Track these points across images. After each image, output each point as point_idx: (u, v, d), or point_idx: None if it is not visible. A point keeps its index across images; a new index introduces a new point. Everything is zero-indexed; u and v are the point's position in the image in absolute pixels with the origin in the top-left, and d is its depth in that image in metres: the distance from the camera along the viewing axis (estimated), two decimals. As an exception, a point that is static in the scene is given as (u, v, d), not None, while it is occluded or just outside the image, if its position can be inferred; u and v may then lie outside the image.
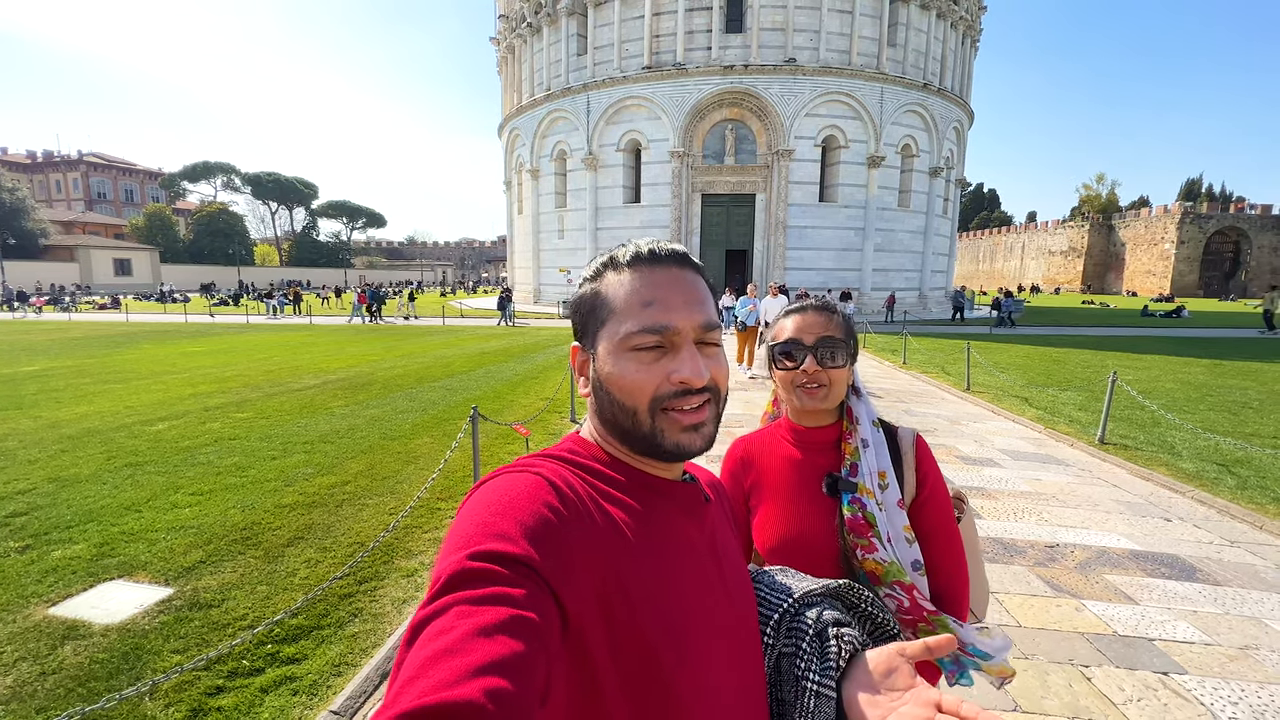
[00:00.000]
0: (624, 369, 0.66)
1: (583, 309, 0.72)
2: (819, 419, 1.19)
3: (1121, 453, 5.97)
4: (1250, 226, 52.36)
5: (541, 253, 31.03)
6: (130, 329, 20.87)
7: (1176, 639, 2.89)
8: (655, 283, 0.67)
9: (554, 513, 0.58)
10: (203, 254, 63.41)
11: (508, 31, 32.32)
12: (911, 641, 0.65)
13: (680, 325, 0.66)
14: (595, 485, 0.66)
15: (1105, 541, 4.00)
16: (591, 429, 0.74)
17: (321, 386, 9.42)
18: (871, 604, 0.87)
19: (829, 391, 1.14)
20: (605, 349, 0.68)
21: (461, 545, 0.54)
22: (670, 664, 0.60)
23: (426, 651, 0.46)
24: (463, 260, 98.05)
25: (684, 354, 0.66)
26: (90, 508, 4.37)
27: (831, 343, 1.14)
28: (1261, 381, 10.26)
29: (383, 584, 3.36)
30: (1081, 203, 73.55)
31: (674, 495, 0.71)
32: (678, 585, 0.64)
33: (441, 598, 0.50)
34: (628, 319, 0.66)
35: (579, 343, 0.72)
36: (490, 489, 0.61)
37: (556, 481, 0.62)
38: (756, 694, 0.72)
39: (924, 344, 14.92)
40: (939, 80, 27.77)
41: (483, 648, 0.45)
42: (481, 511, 0.57)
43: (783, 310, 1.25)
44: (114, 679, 2.51)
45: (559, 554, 0.55)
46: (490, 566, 0.51)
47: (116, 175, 78.72)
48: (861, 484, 1.09)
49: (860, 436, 1.14)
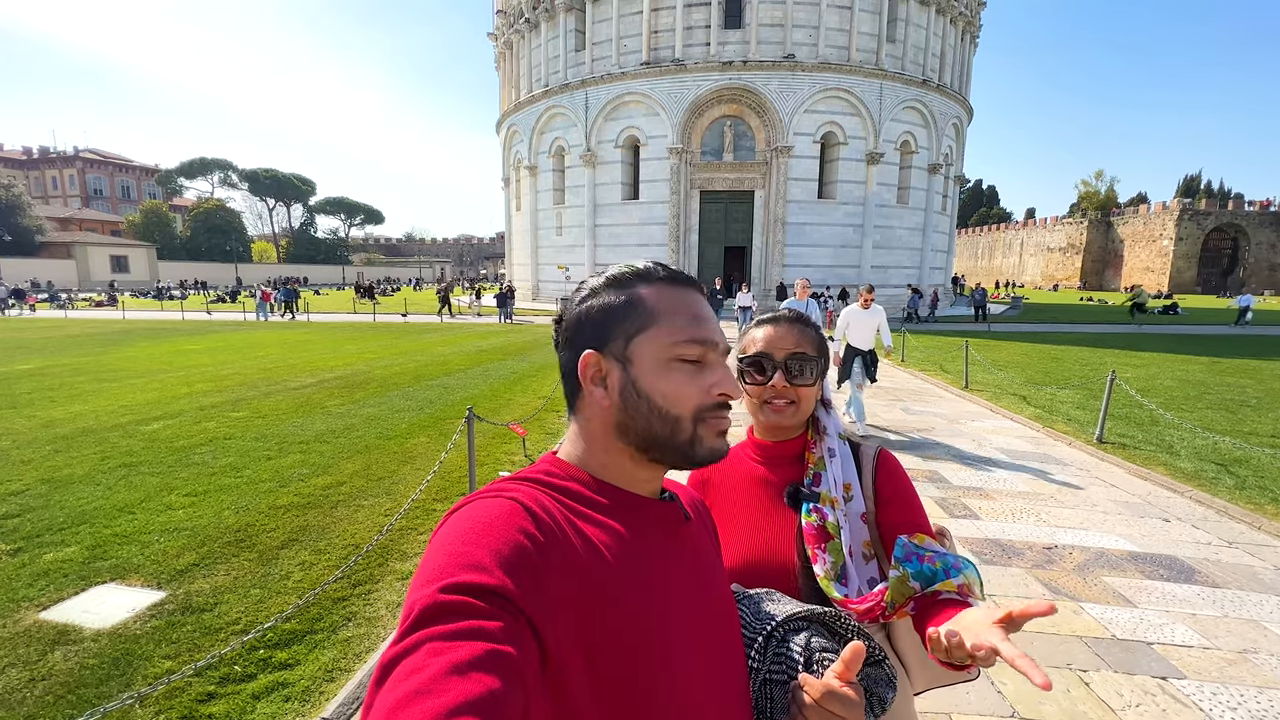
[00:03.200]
0: (670, 378, 0.67)
1: (609, 316, 0.68)
2: (784, 433, 1.15)
3: (1120, 452, 5.96)
4: (1248, 223, 52.33)
5: (540, 249, 30.94)
6: (127, 326, 20.80)
7: (1175, 642, 2.88)
8: (691, 300, 0.71)
9: (530, 539, 0.56)
10: (200, 251, 63.17)
11: (505, 27, 32.16)
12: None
13: (720, 342, 0.71)
14: (573, 508, 0.64)
15: (1103, 543, 3.99)
16: (573, 449, 0.71)
17: (318, 385, 9.39)
18: (856, 632, 0.86)
19: (797, 409, 1.11)
20: (649, 356, 0.67)
21: (433, 577, 0.52)
22: (653, 687, 0.59)
23: (397, 693, 0.43)
24: (461, 257, 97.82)
25: (723, 370, 0.70)
26: (83, 509, 4.34)
27: (802, 359, 1.11)
28: (1260, 379, 10.25)
29: (377, 587, 3.34)
30: (1080, 199, 73.57)
31: (655, 515, 0.70)
32: (660, 607, 0.63)
33: (413, 634, 0.48)
34: (677, 330, 0.68)
35: (594, 349, 0.67)
36: (463, 516, 0.59)
37: (532, 506, 0.60)
38: (741, 716, 0.71)
39: (923, 341, 14.90)
40: (938, 77, 27.67)
41: (457, 687, 0.43)
42: (454, 540, 0.55)
43: (754, 320, 1.22)
44: (104, 685, 2.49)
45: (536, 583, 0.54)
46: (464, 599, 0.49)
47: (113, 172, 78.35)
48: (825, 493, 1.06)
49: (826, 446, 1.11)
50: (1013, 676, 2.61)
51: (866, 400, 7.30)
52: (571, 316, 0.71)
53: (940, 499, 4.72)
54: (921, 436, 6.66)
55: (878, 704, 0.86)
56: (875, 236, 26.56)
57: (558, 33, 27.95)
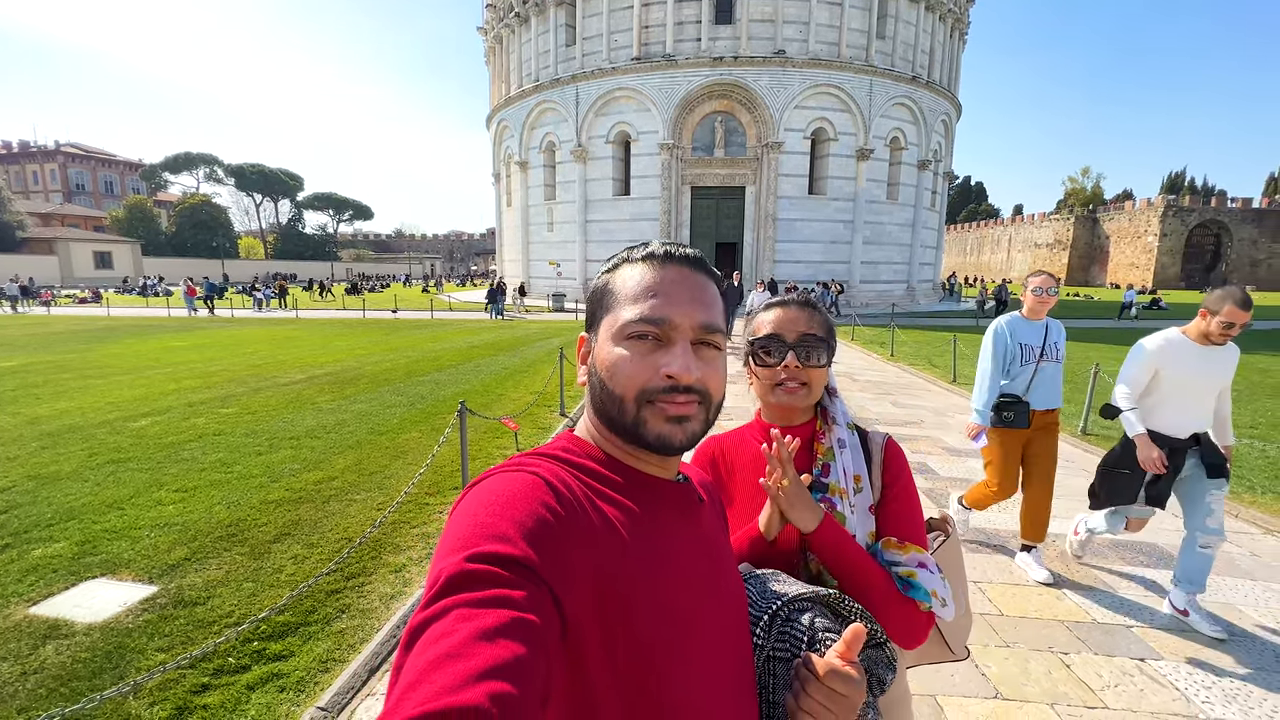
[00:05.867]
0: (617, 356, 0.67)
1: (594, 298, 0.73)
2: (793, 418, 1.15)
3: (1103, 443, 6.06)
4: (1231, 219, 53.08)
5: (531, 245, 30.84)
6: (112, 323, 20.54)
7: (1153, 625, 2.95)
8: (664, 278, 0.68)
9: (551, 513, 0.57)
10: (186, 247, 62.35)
11: (495, 21, 31.96)
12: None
13: (678, 320, 0.67)
14: (591, 485, 0.65)
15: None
16: (587, 425, 0.74)
17: (308, 381, 9.34)
18: (860, 614, 0.89)
19: (809, 391, 1.11)
20: (604, 335, 0.69)
21: (459, 547, 0.53)
22: (664, 663, 0.60)
23: (428, 656, 0.45)
24: (451, 253, 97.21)
25: (677, 349, 0.66)
26: (71, 505, 4.31)
27: (813, 340, 1.11)
28: (1240, 372, 10.39)
29: (370, 579, 3.35)
30: (1067, 196, 74.29)
31: (669, 495, 0.71)
32: (672, 585, 0.64)
33: (440, 600, 0.49)
34: (629, 307, 0.67)
35: (587, 332, 0.73)
36: (486, 489, 0.60)
37: (553, 481, 0.61)
38: (747, 692, 0.73)
39: (912, 336, 15.03)
40: (927, 73, 27.83)
41: (485, 651, 0.45)
42: (478, 512, 0.57)
43: (763, 304, 1.21)
44: (97, 678, 2.49)
45: (558, 555, 0.55)
46: (490, 568, 0.51)
47: (95, 166, 77.08)
48: (834, 484, 1.06)
49: (836, 436, 1.11)
50: (996, 660, 2.68)
51: (856, 396, 7.36)
52: (587, 300, 0.76)
53: (928, 490, 4.79)
54: (910, 429, 6.74)
55: (877, 685, 0.89)
56: (865, 232, 26.72)
57: (548, 27, 27.82)
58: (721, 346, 0.71)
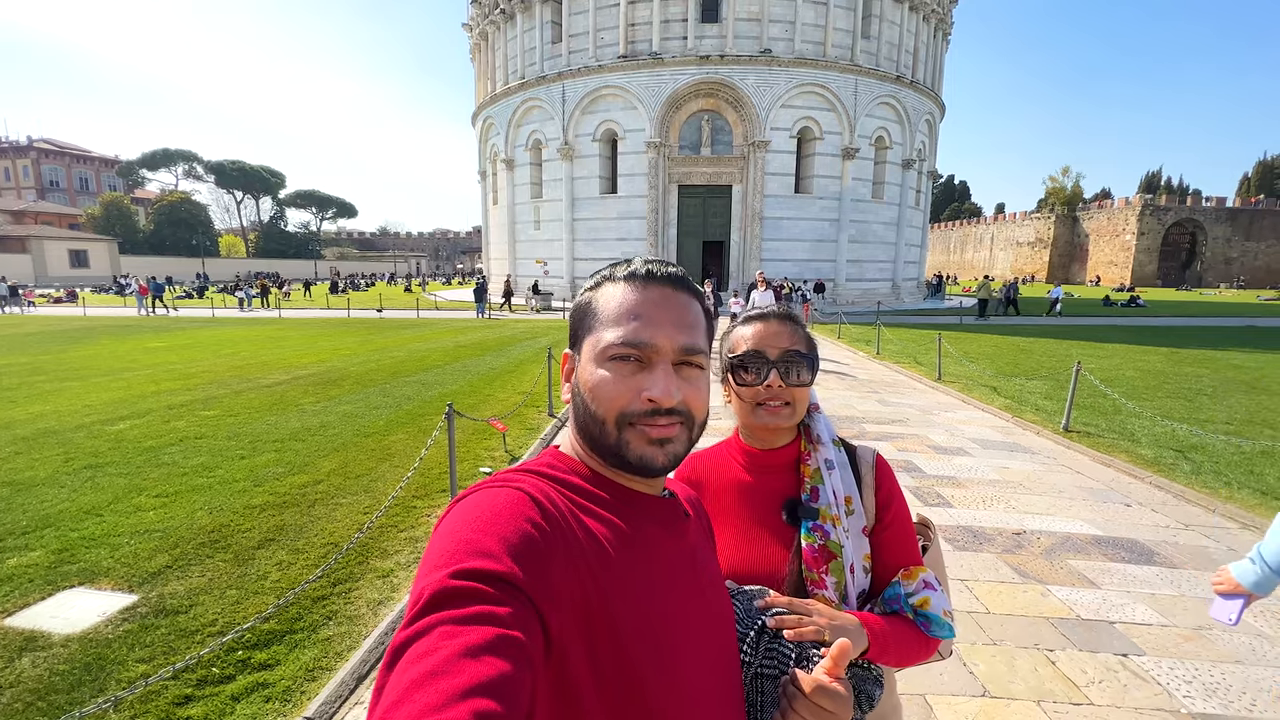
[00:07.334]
0: (599, 378, 0.66)
1: (576, 316, 0.73)
2: (775, 440, 1.07)
3: (1085, 440, 6.16)
4: (1206, 218, 54.24)
5: (517, 244, 30.66)
6: (88, 323, 20.10)
7: (1135, 621, 3.01)
8: (645, 299, 0.68)
9: (537, 529, 0.57)
10: (164, 245, 61.20)
11: (480, 18, 31.68)
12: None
13: (660, 344, 0.66)
14: (576, 501, 0.65)
15: (1069, 528, 4.13)
16: (572, 442, 0.73)
17: (291, 382, 9.21)
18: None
19: (794, 410, 1.04)
20: (586, 355, 0.69)
21: (443, 563, 0.52)
22: (650, 679, 0.60)
23: (411, 674, 0.44)
24: (437, 251, 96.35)
25: (658, 372, 0.66)
26: (47, 512, 4.21)
27: (796, 357, 1.03)
28: (1215, 369, 10.68)
29: (357, 585, 3.31)
30: (1048, 195, 75.21)
31: (655, 511, 0.71)
32: (659, 601, 0.64)
33: (424, 617, 0.48)
34: (610, 329, 0.67)
35: (570, 349, 0.73)
36: (470, 504, 0.59)
37: (538, 497, 0.61)
38: (735, 709, 0.72)
39: (898, 334, 15.18)
40: (911, 73, 28.08)
41: (470, 669, 0.44)
42: (462, 528, 0.56)
43: (740, 318, 1.12)
44: (76, 691, 2.43)
45: (543, 571, 0.54)
46: (474, 585, 0.50)
47: (70, 162, 75.32)
48: (825, 510, 0.99)
49: (823, 457, 1.04)
50: (984, 658, 2.71)
51: (844, 393, 7.41)
52: (570, 317, 0.76)
53: (914, 488, 4.84)
54: (897, 428, 6.80)
55: (865, 701, 0.88)
56: (851, 231, 26.92)
57: (534, 24, 27.65)
58: (704, 366, 0.71)
